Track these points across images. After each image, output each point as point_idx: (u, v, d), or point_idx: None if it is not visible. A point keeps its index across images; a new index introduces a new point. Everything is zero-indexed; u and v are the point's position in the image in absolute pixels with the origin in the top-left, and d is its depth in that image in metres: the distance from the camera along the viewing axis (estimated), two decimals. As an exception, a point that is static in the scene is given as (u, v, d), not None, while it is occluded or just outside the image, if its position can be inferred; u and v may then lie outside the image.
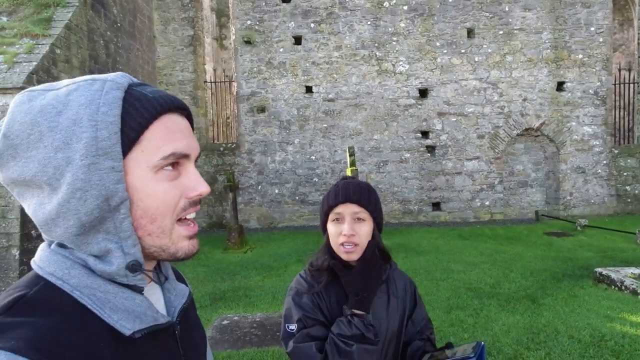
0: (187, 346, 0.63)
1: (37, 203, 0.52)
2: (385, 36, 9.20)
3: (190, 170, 0.57)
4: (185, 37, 9.51)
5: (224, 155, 9.53)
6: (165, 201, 0.54)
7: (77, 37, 6.58)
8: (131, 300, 0.54)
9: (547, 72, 9.18)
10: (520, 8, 9.09)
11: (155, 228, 0.54)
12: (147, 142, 0.53)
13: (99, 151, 0.49)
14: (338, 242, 1.11)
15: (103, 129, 0.49)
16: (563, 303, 4.05)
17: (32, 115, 0.50)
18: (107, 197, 0.50)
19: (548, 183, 9.52)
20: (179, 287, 0.66)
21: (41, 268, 0.53)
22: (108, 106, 0.50)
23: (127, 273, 0.53)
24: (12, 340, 0.45)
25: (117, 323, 0.52)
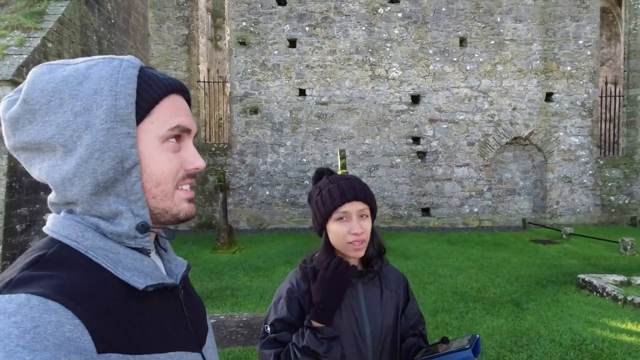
0: (190, 310, 0.67)
1: (50, 165, 0.56)
2: (379, 42, 9.30)
3: (189, 145, 0.64)
4: (179, 36, 9.50)
5: (215, 155, 9.50)
6: (169, 168, 0.60)
7: (70, 32, 6.53)
8: (140, 261, 0.59)
9: (537, 82, 9.37)
10: (512, 19, 9.28)
11: (159, 192, 0.60)
12: (157, 115, 0.59)
13: (117, 118, 0.55)
14: (347, 240, 1.06)
15: (122, 99, 0.56)
16: (546, 308, 4.11)
17: (54, 84, 0.55)
18: (122, 159, 0.56)
19: (535, 191, 9.67)
20: (177, 259, 0.71)
21: (55, 232, 0.57)
22: (126, 80, 0.57)
23: (137, 234, 0.58)
24: (40, 287, 0.48)
25: (131, 279, 0.56)
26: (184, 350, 0.61)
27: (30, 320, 0.45)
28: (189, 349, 0.63)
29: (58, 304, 0.47)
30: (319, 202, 1.09)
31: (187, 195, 0.64)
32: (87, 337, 0.48)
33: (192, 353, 0.63)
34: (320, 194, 1.10)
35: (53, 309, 0.46)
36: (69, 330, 0.46)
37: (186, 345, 0.63)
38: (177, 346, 0.60)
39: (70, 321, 0.47)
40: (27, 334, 0.44)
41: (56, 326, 0.46)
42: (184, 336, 0.63)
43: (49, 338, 0.45)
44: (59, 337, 0.45)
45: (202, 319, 0.72)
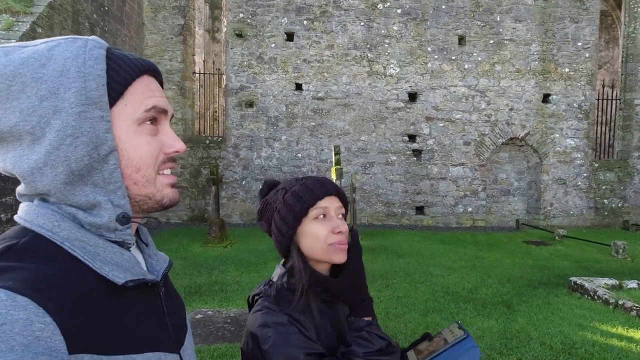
0: (169, 308, 0.64)
1: (15, 156, 0.52)
2: (377, 38, 9.20)
3: (167, 128, 0.61)
4: (175, 26, 9.34)
5: (209, 148, 9.39)
6: (148, 152, 0.57)
7: (61, 18, 6.38)
8: (120, 255, 0.55)
9: (534, 83, 9.33)
10: (511, 19, 9.22)
11: (140, 177, 0.57)
12: (130, 97, 0.56)
13: (88, 100, 0.51)
14: (328, 242, 0.88)
15: (91, 80, 0.52)
16: (537, 310, 4.09)
17: (13, 67, 0.50)
18: (96, 144, 0.52)
19: (530, 193, 9.67)
20: (159, 254, 0.68)
21: (28, 221, 0.53)
22: (94, 60, 0.53)
23: (117, 226, 0.55)
24: (9, 280, 0.45)
25: (109, 274, 0.53)
26: (162, 350, 0.58)
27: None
28: (167, 350, 0.59)
29: (28, 299, 0.44)
30: (289, 201, 0.90)
31: (169, 180, 0.61)
32: (58, 337, 0.44)
33: (170, 354, 0.60)
34: (287, 193, 0.91)
35: (22, 305, 0.43)
36: (39, 329, 0.43)
37: (164, 345, 0.59)
38: (155, 346, 0.57)
39: (41, 319, 0.43)
40: None
41: (24, 324, 0.42)
42: (163, 336, 0.60)
43: (16, 337, 0.41)
44: (26, 336, 0.42)
45: (181, 318, 0.69)
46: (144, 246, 0.66)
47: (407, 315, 3.89)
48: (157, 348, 0.57)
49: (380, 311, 3.95)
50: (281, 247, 0.92)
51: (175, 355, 0.61)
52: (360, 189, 9.14)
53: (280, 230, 0.90)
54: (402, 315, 3.88)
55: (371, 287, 4.67)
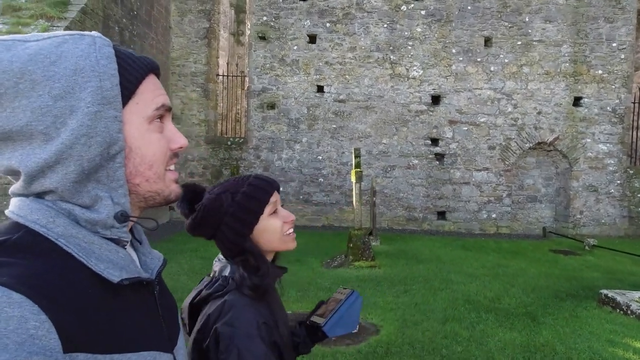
0: (163, 307, 0.64)
1: (24, 154, 0.51)
2: (400, 40, 9.09)
3: (170, 125, 0.62)
4: (200, 29, 9.53)
5: (231, 149, 9.52)
6: (159, 149, 0.58)
7: (93, 22, 6.61)
8: (115, 253, 0.55)
9: (565, 86, 8.98)
10: (541, 19, 8.91)
11: (152, 174, 0.58)
12: (141, 96, 0.56)
13: (104, 100, 0.51)
14: (284, 231, 0.97)
15: (106, 80, 0.52)
16: (564, 323, 3.90)
17: (20, 64, 0.49)
18: (109, 144, 0.52)
19: (558, 200, 9.29)
20: (153, 252, 0.68)
21: (21, 216, 0.51)
22: (106, 60, 0.53)
23: (114, 224, 0.54)
24: (3, 276, 0.44)
25: (105, 271, 0.52)
26: (157, 350, 0.58)
27: None
28: (161, 349, 0.59)
29: (23, 296, 0.43)
30: (244, 203, 0.92)
31: (174, 176, 0.63)
32: (53, 335, 0.43)
33: (165, 353, 0.59)
34: (237, 196, 0.93)
35: (17, 301, 0.42)
36: (34, 327, 0.42)
37: (159, 344, 0.59)
38: (150, 345, 0.56)
39: (36, 317, 0.43)
40: None
41: (19, 322, 0.41)
42: (157, 335, 0.59)
43: (10, 335, 0.40)
44: (21, 334, 0.41)
45: (174, 317, 0.68)
46: (138, 244, 0.65)
47: (425, 322, 3.79)
48: (152, 347, 0.56)
49: (397, 318, 3.87)
50: (234, 247, 0.94)
51: (169, 355, 0.61)
52: (381, 192, 9.03)
53: (235, 231, 0.93)
54: (420, 323, 3.78)
55: (389, 293, 4.59)
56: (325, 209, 9.33)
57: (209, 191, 0.97)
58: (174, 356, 0.62)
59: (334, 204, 9.31)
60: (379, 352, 3.19)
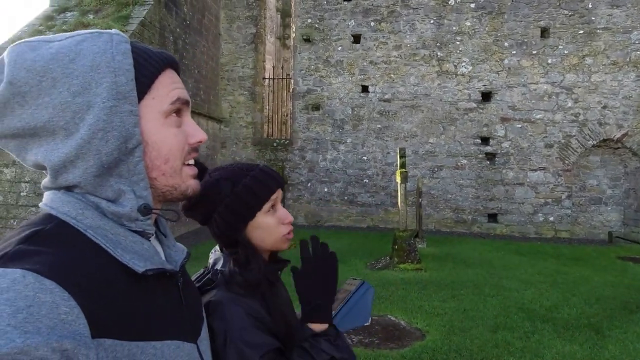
0: (187, 298, 0.65)
1: (48, 149, 0.53)
2: (448, 35, 8.78)
3: (188, 119, 0.62)
4: (248, 34, 9.85)
5: (276, 150, 9.72)
6: (176, 144, 0.59)
7: (150, 33, 7.07)
8: (140, 244, 0.56)
9: (635, 76, 8.18)
10: (607, 5, 8.19)
11: (168, 168, 0.59)
12: (157, 90, 0.57)
13: (119, 95, 0.53)
14: (281, 232, 0.91)
15: (121, 75, 0.53)
16: (634, 338, 3.55)
17: (43, 63, 0.51)
18: (126, 138, 0.54)
19: (627, 202, 8.48)
20: (177, 245, 0.69)
21: (54, 208, 0.54)
22: (122, 55, 0.54)
23: (138, 216, 0.56)
24: (36, 264, 0.46)
25: (130, 262, 0.54)
26: (180, 339, 0.59)
27: (24, 299, 0.42)
28: (185, 339, 0.60)
29: (54, 283, 0.45)
30: (243, 196, 0.87)
31: (192, 171, 0.63)
32: (82, 321, 0.45)
33: (188, 343, 0.61)
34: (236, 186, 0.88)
35: (49, 288, 0.44)
36: (64, 313, 0.44)
37: (182, 334, 0.60)
38: (174, 335, 0.58)
39: (66, 302, 0.44)
40: (20, 313, 0.41)
41: (51, 307, 0.43)
42: (181, 325, 0.61)
43: (43, 320, 0.42)
44: (53, 319, 0.43)
45: (198, 309, 0.70)
46: (163, 237, 0.67)
47: (474, 330, 3.62)
48: (175, 337, 0.58)
49: (444, 324, 3.74)
50: (226, 238, 0.90)
51: (193, 345, 0.62)
52: (428, 193, 8.78)
53: (228, 223, 0.88)
54: (468, 330, 3.63)
55: (435, 297, 4.45)
56: (369, 210, 9.24)
57: (209, 173, 0.91)
58: (198, 346, 0.64)
59: (378, 205, 9.19)
60: (424, 358, 3.11)
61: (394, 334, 3.54)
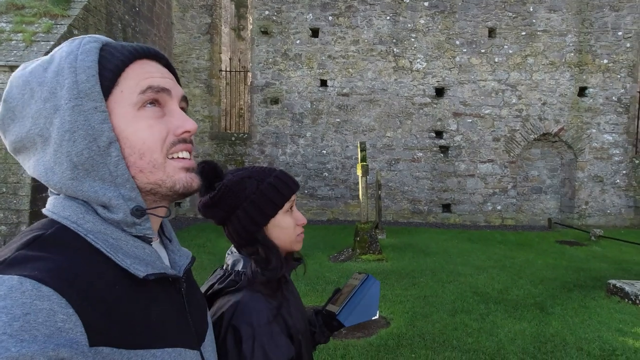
0: (191, 304, 0.64)
1: (35, 160, 0.54)
2: (404, 32, 9.04)
3: (175, 109, 0.59)
4: (202, 24, 9.50)
5: (235, 145, 9.52)
6: (151, 135, 0.55)
7: (96, 19, 6.61)
8: (141, 249, 0.55)
9: (569, 76, 8.92)
10: (546, 9, 8.83)
11: (145, 163, 0.55)
12: (125, 82, 0.55)
13: (80, 93, 0.52)
14: (296, 233, 0.96)
15: (81, 73, 0.52)
16: (573, 313, 3.92)
17: (25, 77, 0.54)
18: (94, 136, 0.52)
19: (563, 190, 9.28)
20: (182, 250, 0.68)
21: (55, 213, 0.54)
22: (85, 54, 0.53)
23: (134, 220, 0.54)
24: (35, 270, 0.45)
25: (131, 266, 0.53)
26: (183, 346, 0.58)
27: (21, 307, 0.42)
28: (187, 346, 0.59)
29: (52, 290, 0.44)
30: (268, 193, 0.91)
31: (182, 163, 0.58)
32: (79, 329, 0.44)
33: (191, 350, 0.59)
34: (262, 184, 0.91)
35: (46, 295, 0.43)
36: (61, 320, 0.43)
37: (185, 341, 0.59)
38: (176, 342, 0.56)
39: (64, 310, 0.44)
40: (16, 321, 0.41)
41: (48, 315, 0.43)
42: (183, 332, 0.60)
43: (39, 328, 0.42)
44: (49, 327, 0.42)
45: (202, 314, 0.68)
46: (168, 242, 0.66)
47: (435, 315, 3.82)
48: (177, 344, 0.56)
49: (407, 310, 3.90)
50: (246, 235, 0.91)
51: (196, 352, 0.61)
52: (386, 185, 9.04)
53: (252, 219, 0.89)
54: (429, 315, 3.81)
55: (397, 286, 4.62)
56: (330, 203, 9.35)
57: (232, 172, 0.94)
58: (201, 353, 0.62)
59: (339, 198, 9.32)
60: (390, 344, 3.23)
61: (360, 323, 3.63)
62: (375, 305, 1.04)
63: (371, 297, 1.03)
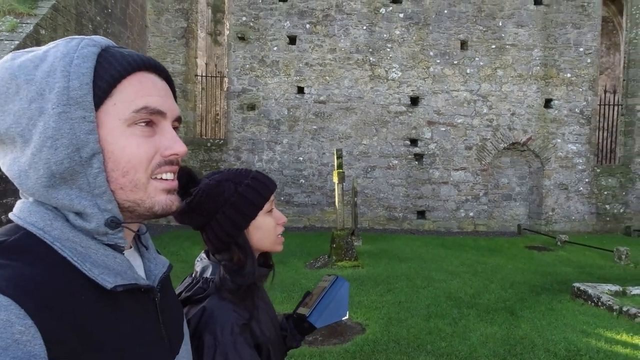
0: (165, 315, 0.61)
1: (12, 158, 0.52)
2: (380, 42, 9.22)
3: (166, 129, 0.57)
4: (178, 28, 9.37)
5: (210, 151, 9.39)
6: (137, 155, 0.53)
7: (65, 20, 6.40)
8: (112, 258, 0.53)
9: (536, 88, 9.33)
10: (514, 24, 9.24)
11: (127, 182, 0.53)
12: (120, 95, 0.52)
13: (70, 100, 0.49)
14: (277, 233, 0.95)
15: (75, 79, 0.50)
16: (541, 316, 4.05)
17: (12, 70, 0.50)
18: (77, 147, 0.50)
19: (531, 198, 9.65)
20: (159, 257, 0.65)
21: (21, 219, 0.52)
22: (82, 59, 0.51)
23: (107, 231, 0.52)
24: None
25: (99, 277, 0.50)
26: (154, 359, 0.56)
27: None
28: (159, 358, 0.57)
29: (10, 299, 0.42)
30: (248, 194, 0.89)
31: (165, 185, 0.57)
32: (38, 341, 0.42)
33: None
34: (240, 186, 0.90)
35: (3, 305, 0.41)
36: (19, 332, 0.41)
37: (157, 354, 0.57)
38: (147, 355, 0.55)
39: (22, 321, 0.42)
40: None
41: (4, 326, 0.41)
42: (155, 344, 0.58)
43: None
44: (5, 339, 0.40)
45: (178, 325, 0.66)
46: (144, 249, 0.64)
47: (410, 320, 3.86)
48: (148, 357, 0.55)
49: (382, 316, 3.92)
50: (226, 238, 0.89)
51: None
52: (362, 192, 9.12)
53: (233, 222, 0.88)
54: (404, 320, 3.85)
55: (373, 292, 4.65)
56: (306, 209, 9.34)
57: (207, 177, 0.92)
58: None
59: (315, 205, 9.33)
60: (366, 350, 3.23)
61: (336, 329, 3.62)
62: (345, 306, 1.06)
63: (341, 298, 1.04)
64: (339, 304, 1.04)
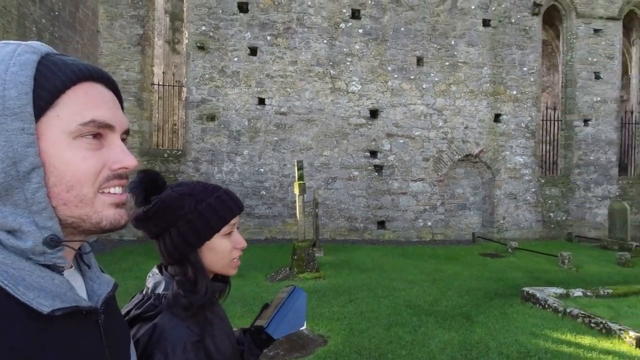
0: (110, 338, 0.58)
1: None
2: (340, 56, 9.42)
3: (115, 142, 0.54)
4: (133, 35, 9.04)
5: (167, 162, 9.06)
6: (84, 169, 0.50)
7: (4, 21, 5.98)
8: (49, 280, 0.49)
9: (486, 104, 9.90)
10: (465, 43, 9.79)
11: (72, 197, 0.50)
12: (64, 107, 0.49)
13: (6, 111, 0.46)
14: (232, 257, 0.91)
15: (12, 88, 0.46)
16: (494, 320, 4.22)
17: None
18: (14, 160, 0.46)
19: (484, 207, 10.13)
20: (103, 276, 0.62)
21: None
22: (19, 67, 0.47)
23: (45, 250, 0.49)
24: None
25: (34, 301, 0.47)
26: None
27: None
28: None
29: None
30: (206, 214, 0.86)
31: (113, 199, 0.54)
32: None
33: None
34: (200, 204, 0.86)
35: None
36: None
37: None
38: None
39: None
40: None
41: None
42: None
43: None
44: None
45: (124, 347, 0.63)
46: (86, 268, 0.60)
47: (371, 330, 3.87)
48: None
49: (344, 327, 3.91)
50: (177, 256, 0.86)
51: None
52: (323, 204, 9.15)
53: (186, 240, 0.85)
54: (366, 330, 3.86)
55: (335, 303, 4.63)
56: (267, 221, 9.21)
57: (172, 187, 0.89)
58: None
59: (276, 217, 9.22)
60: (328, 362, 3.19)
61: (297, 343, 3.56)
62: (303, 316, 1.06)
63: (298, 308, 1.04)
64: (296, 314, 1.04)
